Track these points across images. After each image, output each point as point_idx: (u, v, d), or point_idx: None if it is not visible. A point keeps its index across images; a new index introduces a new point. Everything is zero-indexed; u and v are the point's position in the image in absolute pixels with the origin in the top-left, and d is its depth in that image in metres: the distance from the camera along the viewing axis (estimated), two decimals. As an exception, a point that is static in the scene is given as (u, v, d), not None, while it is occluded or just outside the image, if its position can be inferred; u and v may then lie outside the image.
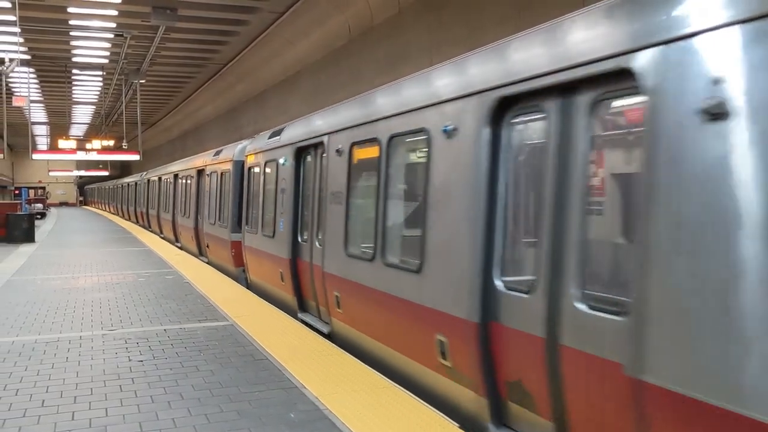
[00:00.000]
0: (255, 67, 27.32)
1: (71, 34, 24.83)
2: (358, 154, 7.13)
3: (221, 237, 13.78)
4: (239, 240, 12.36)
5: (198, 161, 17.67)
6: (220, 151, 15.39)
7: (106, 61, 30.01)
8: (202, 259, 15.85)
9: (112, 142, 36.77)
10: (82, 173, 57.96)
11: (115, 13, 21.72)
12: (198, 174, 17.10)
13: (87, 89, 39.09)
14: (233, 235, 12.88)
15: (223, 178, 14.00)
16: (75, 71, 32.85)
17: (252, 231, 11.23)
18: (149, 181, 27.88)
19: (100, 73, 33.09)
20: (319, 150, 8.40)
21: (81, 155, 32.52)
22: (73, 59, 29.76)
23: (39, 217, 38.84)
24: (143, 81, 32.56)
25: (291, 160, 9.32)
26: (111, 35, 25.09)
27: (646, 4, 3.41)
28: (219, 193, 14.27)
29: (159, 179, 24.56)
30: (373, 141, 6.58)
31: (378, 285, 6.26)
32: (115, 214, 47.03)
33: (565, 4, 8.32)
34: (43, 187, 78.26)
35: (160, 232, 24.24)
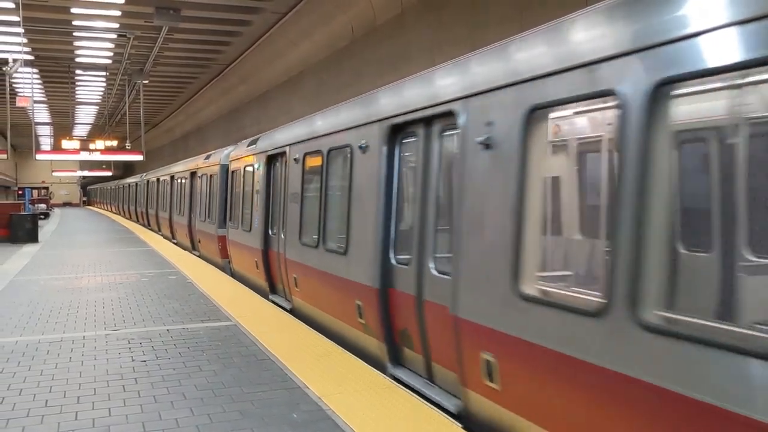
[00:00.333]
0: (258, 67, 27.34)
1: (74, 34, 24.87)
2: (309, 162, 8.73)
3: (210, 232, 15.34)
4: (225, 235, 13.89)
5: (191, 164, 19.15)
6: (209, 155, 16.99)
7: (109, 61, 30.06)
8: (194, 253, 17.28)
9: (115, 143, 36.82)
10: (86, 173, 58.10)
11: (118, 13, 21.76)
12: (191, 176, 18.48)
13: (90, 90, 39.16)
14: (219, 231, 14.35)
15: (212, 180, 15.49)
16: (78, 72, 32.90)
17: (234, 227, 12.84)
18: (148, 182, 29.43)
19: (103, 73, 33.15)
20: (283, 158, 9.98)
21: (84, 155, 32.60)
22: (77, 60, 29.82)
23: (42, 217, 38.88)
24: (146, 81, 32.59)
25: (263, 166, 10.87)
26: (114, 36, 25.13)
27: (461, 71, 5.18)
28: (208, 193, 15.77)
29: (157, 180, 26.00)
30: (318, 152, 8.28)
31: (320, 266, 7.90)
32: (117, 214, 47.21)
33: (566, 4, 8.31)
34: (46, 188, 78.43)
35: (158, 230, 25.61)
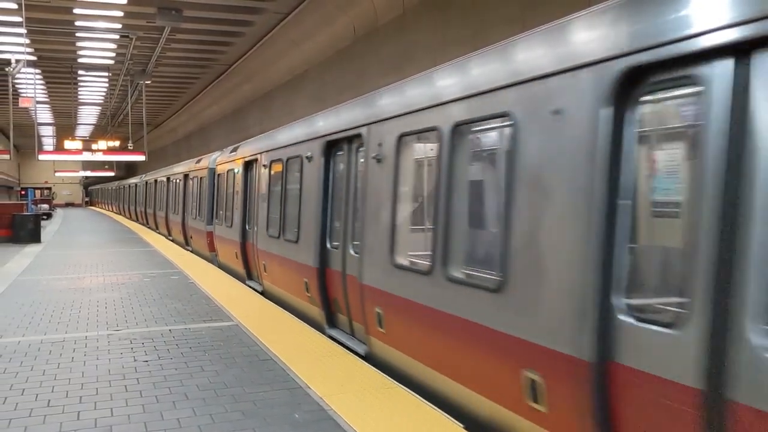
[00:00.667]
0: (260, 67, 27.35)
1: (77, 35, 24.91)
2: (274, 168, 10.47)
3: (200, 229, 16.98)
4: (212, 231, 15.58)
5: (184, 167, 20.77)
6: (200, 159, 18.64)
7: (112, 62, 30.10)
8: (187, 249, 19.02)
9: (117, 143, 36.93)
10: (88, 174, 58.13)
11: (120, 14, 21.78)
12: (184, 178, 20.02)
13: (93, 90, 39.20)
14: (208, 227, 15.98)
15: (202, 182, 17.08)
16: (81, 72, 32.94)
17: (219, 223, 14.56)
18: (146, 183, 31.14)
19: (106, 73, 33.19)
20: (257, 164, 11.58)
21: (87, 156, 32.65)
22: (79, 60, 29.86)
23: (45, 217, 38.93)
24: (149, 82, 32.63)
25: (242, 170, 12.51)
26: (116, 36, 25.16)
27: (368, 105, 6.93)
28: (199, 194, 17.44)
29: (155, 182, 27.71)
30: (280, 160, 10.08)
31: (281, 253, 9.69)
32: (118, 214, 47.35)
33: (569, 4, 8.30)
34: (49, 188, 78.51)
35: (156, 228, 27.23)
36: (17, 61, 20.54)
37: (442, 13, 14.66)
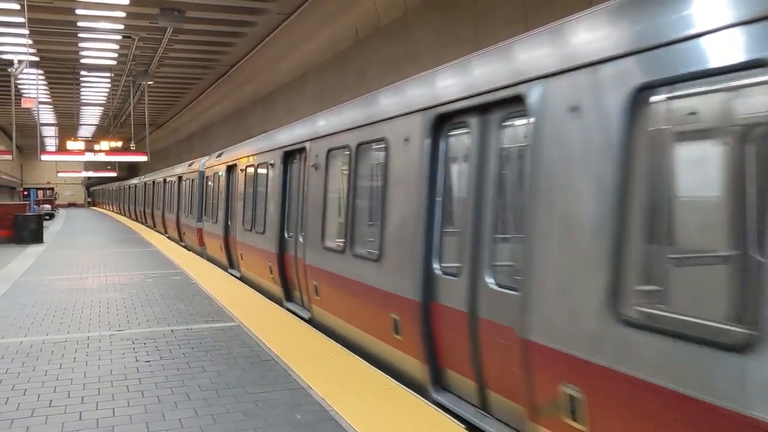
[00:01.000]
0: (262, 68, 27.37)
1: (79, 35, 24.96)
2: (248, 172, 12.33)
3: (191, 225, 18.71)
4: (201, 227, 17.34)
5: (179, 170, 22.62)
6: (192, 163, 20.49)
7: (114, 62, 30.14)
8: (181, 244, 20.49)
9: (120, 143, 36.97)
10: (90, 174, 58.20)
11: (122, 14, 21.82)
12: (178, 179, 21.72)
13: (95, 90, 39.27)
14: (197, 224, 17.67)
15: (193, 184, 18.76)
16: (83, 73, 33.01)
17: (207, 220, 16.47)
18: (145, 184, 33.03)
19: (108, 74, 33.24)
20: (236, 168, 13.52)
21: (89, 156, 32.69)
22: (82, 61, 29.91)
23: (47, 218, 39.00)
24: (151, 82, 32.68)
25: (224, 173, 14.47)
26: (119, 37, 25.21)
27: (311, 123, 8.85)
28: (190, 194, 19.20)
29: (153, 183, 29.68)
30: (252, 165, 12.01)
31: (252, 243, 11.51)
32: (119, 214, 47.48)
33: (571, 4, 8.30)
34: (51, 188, 78.65)
35: (154, 226, 29.04)
36: (20, 61, 20.59)
37: (443, 14, 14.66)
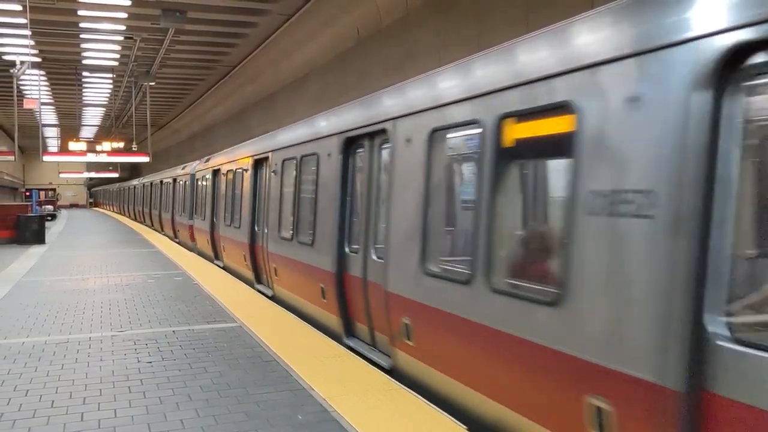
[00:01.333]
0: (264, 69, 27.38)
1: (81, 36, 24.97)
2: (228, 176, 14.31)
3: (184, 223, 20.47)
4: (192, 224, 18.95)
5: (173, 173, 24.68)
6: (185, 167, 22.42)
7: (116, 63, 30.16)
8: (175, 241, 22.31)
9: (122, 144, 36.97)
10: (92, 175, 58.27)
11: (124, 15, 21.83)
12: (173, 181, 23.69)
13: (97, 91, 39.29)
14: (189, 221, 19.42)
15: (185, 185, 20.72)
16: (85, 73, 33.03)
17: (197, 218, 18.18)
18: (143, 185, 35.03)
19: (110, 75, 33.26)
20: (219, 172, 15.35)
21: (91, 157, 32.73)
22: (83, 62, 29.93)
23: (49, 218, 39.03)
24: (153, 83, 32.68)
25: (211, 176, 16.41)
26: (121, 38, 25.23)
27: (273, 137, 11.40)
28: (183, 194, 21.14)
29: (150, 184, 31.55)
30: (231, 171, 13.82)
31: (231, 236, 13.34)
32: (119, 214, 47.58)
33: (573, 4, 8.30)
34: (53, 189, 78.73)
35: (152, 224, 30.98)
36: (22, 62, 20.62)
37: (444, 14, 14.66)
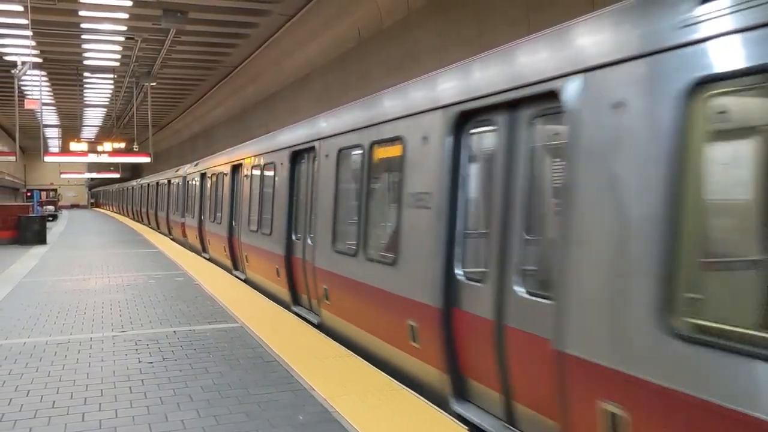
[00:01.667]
0: (265, 69, 27.39)
1: (82, 37, 24.99)
2: (212, 180, 16.11)
3: (177, 221, 22.42)
4: (184, 222, 20.86)
5: (168, 175, 26.45)
6: (178, 169, 24.17)
7: (117, 63, 30.18)
8: (170, 237, 24.07)
9: (123, 145, 36.97)
10: (93, 175, 58.31)
11: (125, 16, 21.85)
12: (168, 182, 25.48)
13: (98, 92, 39.31)
14: (181, 219, 21.36)
15: (178, 186, 22.58)
16: (86, 74, 33.04)
17: (188, 216, 20.03)
18: (141, 186, 36.85)
19: (111, 75, 33.28)
20: (205, 175, 17.16)
21: (92, 157, 32.73)
22: (85, 62, 29.95)
23: (50, 219, 39.04)
24: (154, 83, 32.70)
25: (199, 178, 18.10)
26: (122, 38, 25.25)
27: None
28: (177, 195, 22.99)
29: (148, 185, 33.25)
30: (221, 173, 15.09)
31: (215, 231, 15.09)
32: (119, 214, 47.70)
33: (574, 5, 8.30)
34: (54, 190, 78.77)
35: (149, 223, 32.34)
36: (23, 63, 20.66)
37: (445, 14, 14.66)
